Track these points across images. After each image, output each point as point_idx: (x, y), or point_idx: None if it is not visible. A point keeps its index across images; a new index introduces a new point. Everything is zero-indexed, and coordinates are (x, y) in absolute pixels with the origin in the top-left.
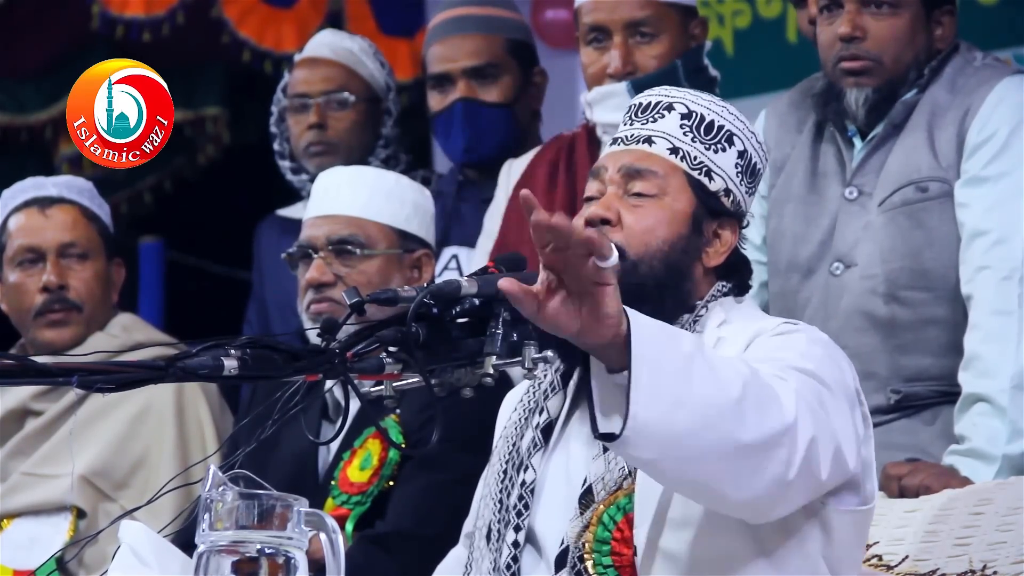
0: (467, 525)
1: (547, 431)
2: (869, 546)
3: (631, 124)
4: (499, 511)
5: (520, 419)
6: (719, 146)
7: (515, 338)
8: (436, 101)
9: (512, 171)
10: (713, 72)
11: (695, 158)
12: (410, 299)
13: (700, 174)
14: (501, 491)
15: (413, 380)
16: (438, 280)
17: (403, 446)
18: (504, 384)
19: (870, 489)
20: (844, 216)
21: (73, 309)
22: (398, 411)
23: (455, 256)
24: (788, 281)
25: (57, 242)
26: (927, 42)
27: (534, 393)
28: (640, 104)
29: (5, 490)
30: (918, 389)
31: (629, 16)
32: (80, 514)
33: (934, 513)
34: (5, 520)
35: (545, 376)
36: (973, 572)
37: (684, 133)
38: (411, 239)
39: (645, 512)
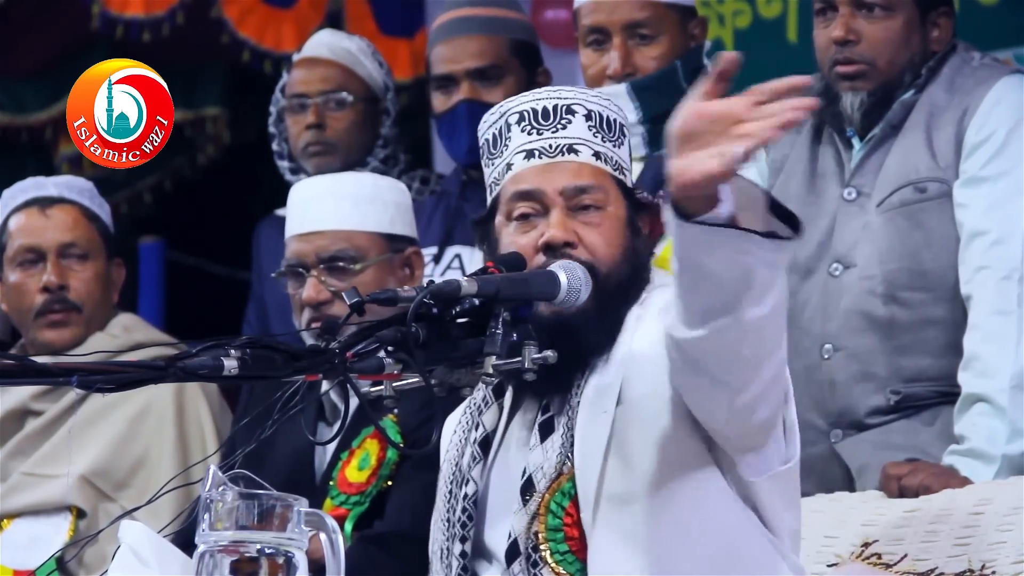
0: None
1: (484, 445)
2: (868, 544)
3: (539, 133)
4: (447, 529)
5: (460, 439)
6: (618, 141)
7: (515, 338)
8: (440, 102)
9: None
10: None
11: (611, 159)
12: (410, 299)
13: (620, 173)
14: (448, 510)
15: (413, 380)
16: (440, 279)
17: (402, 446)
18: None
19: (792, 450)
20: (843, 217)
21: (73, 310)
22: (395, 411)
23: (458, 256)
24: (787, 282)
25: (57, 242)
26: (922, 44)
27: (469, 412)
28: (534, 111)
29: (5, 490)
30: (917, 390)
31: (628, 17)
32: (80, 514)
33: (934, 513)
34: (5, 520)
35: (478, 393)
36: (972, 572)
37: (594, 135)
38: (398, 239)
39: (587, 493)
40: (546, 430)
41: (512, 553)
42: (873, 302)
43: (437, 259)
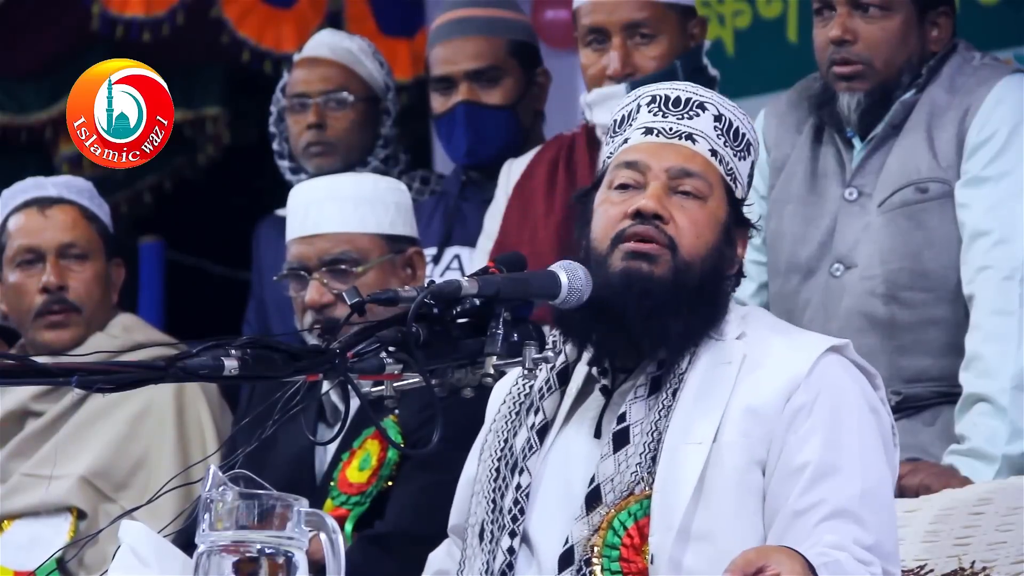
0: (453, 518)
1: (541, 432)
2: None
3: (664, 116)
4: (492, 511)
5: (511, 413)
6: (741, 154)
7: (515, 338)
8: (438, 103)
9: (512, 171)
10: (713, 72)
11: (727, 164)
12: (410, 299)
13: (731, 180)
14: (494, 491)
15: (413, 380)
16: (439, 280)
17: (402, 446)
18: None
19: None
20: (844, 217)
21: (73, 310)
22: (396, 411)
23: (457, 256)
24: (788, 282)
25: (57, 242)
26: (920, 44)
27: (527, 387)
28: (667, 96)
29: (5, 491)
30: (918, 390)
31: (628, 17)
32: (80, 515)
33: (934, 513)
34: (5, 521)
35: (541, 373)
36: (963, 570)
37: (718, 136)
38: (399, 240)
39: (664, 522)
40: (620, 440)
41: (566, 560)
42: (874, 302)
43: (436, 260)
